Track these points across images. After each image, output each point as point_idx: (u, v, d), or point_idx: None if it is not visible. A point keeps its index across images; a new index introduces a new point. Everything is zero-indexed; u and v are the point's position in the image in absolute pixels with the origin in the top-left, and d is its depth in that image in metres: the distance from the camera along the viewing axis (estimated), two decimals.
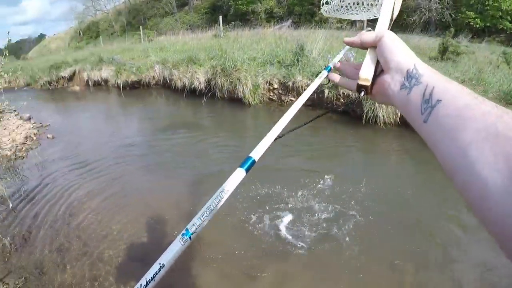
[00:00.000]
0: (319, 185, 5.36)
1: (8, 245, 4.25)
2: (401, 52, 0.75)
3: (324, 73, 0.91)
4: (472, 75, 8.26)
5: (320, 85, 5.20)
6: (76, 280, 3.77)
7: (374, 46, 0.82)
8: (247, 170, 0.69)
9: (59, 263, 4.04)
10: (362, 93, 0.83)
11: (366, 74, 0.81)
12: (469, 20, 22.62)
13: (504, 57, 12.00)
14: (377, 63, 0.81)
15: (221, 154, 6.92)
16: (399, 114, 7.66)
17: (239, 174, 0.66)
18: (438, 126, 0.60)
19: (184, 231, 0.55)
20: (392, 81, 0.74)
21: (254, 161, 0.71)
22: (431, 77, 0.66)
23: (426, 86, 0.65)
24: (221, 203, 0.61)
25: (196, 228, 0.56)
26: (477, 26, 22.45)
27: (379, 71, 0.82)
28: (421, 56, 12.80)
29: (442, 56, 12.38)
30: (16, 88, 8.59)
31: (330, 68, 0.94)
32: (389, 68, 0.75)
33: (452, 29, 14.30)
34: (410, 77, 0.69)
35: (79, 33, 60.40)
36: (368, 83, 0.81)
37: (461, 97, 0.59)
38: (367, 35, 0.83)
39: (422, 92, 0.65)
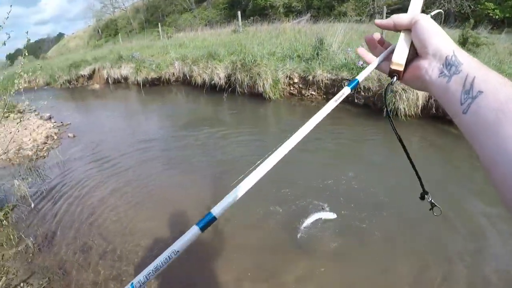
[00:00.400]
0: (341, 179, 5.30)
1: (31, 245, 4.25)
2: (439, 36, 0.72)
3: (346, 91, 0.80)
4: (492, 66, 8.07)
5: (340, 79, 5.06)
6: (100, 279, 3.75)
7: (408, 29, 0.79)
8: (203, 229, 0.61)
9: (82, 262, 4.03)
10: (395, 78, 0.80)
11: (399, 58, 0.78)
12: (488, 11, 22.16)
13: None
14: (411, 46, 0.78)
15: (242, 148, 6.86)
16: (420, 106, 7.57)
17: (193, 232, 0.61)
18: (478, 118, 0.58)
19: (129, 285, 0.57)
20: (430, 67, 0.72)
21: (214, 218, 0.62)
22: (472, 66, 0.64)
23: (467, 75, 0.63)
24: (169, 262, 0.60)
25: (141, 286, 0.57)
26: (497, 17, 22.03)
27: (412, 55, 0.78)
28: None
29: (462, 48, 12.14)
30: (36, 88, 8.61)
31: (358, 82, 0.83)
32: (427, 53, 0.72)
33: (472, 21, 14.08)
34: (449, 65, 0.67)
35: (98, 31, 61.05)
36: (402, 68, 0.78)
37: (503, 89, 0.58)
38: (401, 17, 0.79)
39: (463, 82, 0.63)
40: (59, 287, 3.71)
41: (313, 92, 9.52)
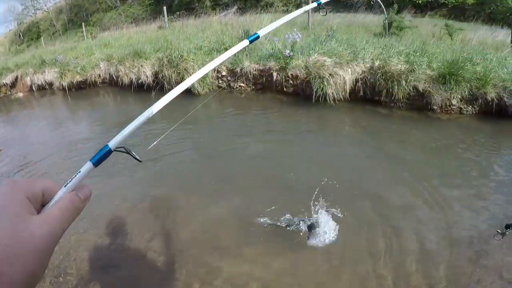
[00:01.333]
0: (277, 168, 5.40)
1: None
2: None
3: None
4: (416, 47, 8.41)
5: (268, 69, 5.14)
6: None
7: None
8: (97, 164, 0.70)
9: None
10: None
11: None
12: None
13: (447, 29, 12.51)
14: None
15: (175, 147, 6.81)
16: (348, 90, 7.83)
17: (87, 168, 0.69)
18: None
19: None
20: None
21: (109, 151, 0.68)
22: None
23: None
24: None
25: None
26: (420, 2, 22.86)
27: None
28: (366, 33, 13.11)
29: (387, 32, 12.69)
30: None
31: None
32: None
33: (396, 6, 14.70)
34: None
35: (19, 36, 58.18)
36: None
37: None
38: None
39: None
40: None
41: (242, 84, 9.56)
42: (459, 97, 7.11)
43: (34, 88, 15.50)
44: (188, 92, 9.74)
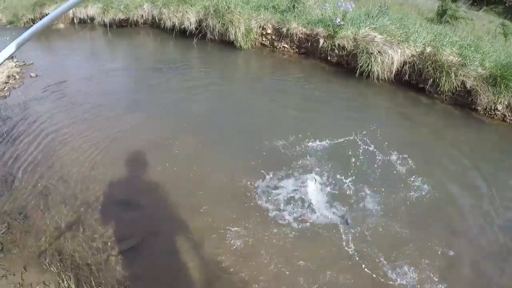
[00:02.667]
0: (308, 134, 5.32)
1: None
2: None
3: None
4: (470, 41, 8.07)
5: (315, 34, 5.01)
6: (60, 224, 3.73)
7: None
8: None
9: (43, 207, 3.96)
10: None
11: None
12: None
13: (503, 29, 11.97)
14: None
15: (208, 94, 6.83)
16: (394, 71, 7.59)
17: None
18: None
19: None
20: None
21: None
22: None
23: None
24: None
25: None
26: None
27: None
28: (419, 16, 12.68)
29: (440, 19, 12.27)
30: None
31: None
32: None
33: None
34: None
35: None
36: None
37: None
38: None
39: None
40: (19, 232, 3.65)
41: (285, 45, 9.33)
42: (506, 103, 6.76)
43: (75, 21, 15.48)
44: (231, 44, 9.65)
